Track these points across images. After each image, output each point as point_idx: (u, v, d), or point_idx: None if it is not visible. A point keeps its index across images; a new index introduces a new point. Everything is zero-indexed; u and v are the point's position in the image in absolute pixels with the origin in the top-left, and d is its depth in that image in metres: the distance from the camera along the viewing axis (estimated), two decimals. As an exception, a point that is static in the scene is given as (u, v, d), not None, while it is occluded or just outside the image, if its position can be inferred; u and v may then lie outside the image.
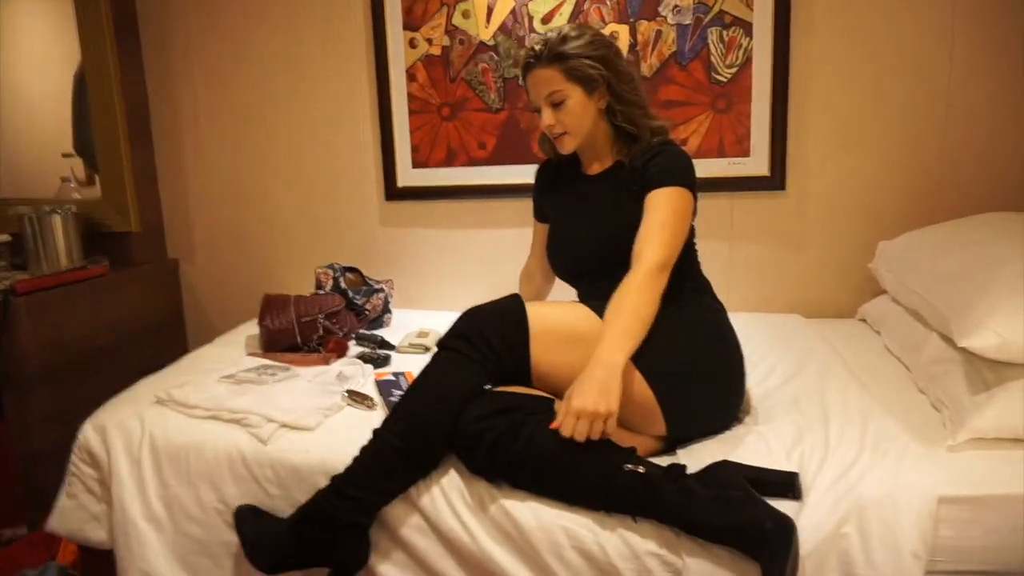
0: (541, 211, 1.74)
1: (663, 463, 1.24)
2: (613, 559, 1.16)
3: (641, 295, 1.30)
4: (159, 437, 1.44)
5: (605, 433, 1.18)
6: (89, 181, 2.43)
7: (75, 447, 1.49)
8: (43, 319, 2.02)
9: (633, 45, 2.10)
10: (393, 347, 1.93)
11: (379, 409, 1.52)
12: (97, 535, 1.48)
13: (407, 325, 2.12)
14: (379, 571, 1.30)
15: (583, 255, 1.54)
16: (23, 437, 1.98)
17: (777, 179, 2.09)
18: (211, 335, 2.18)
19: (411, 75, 2.26)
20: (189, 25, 2.41)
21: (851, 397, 1.45)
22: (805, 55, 2.03)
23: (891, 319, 1.81)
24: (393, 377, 1.65)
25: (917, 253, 1.75)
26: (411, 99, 2.27)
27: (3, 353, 1.95)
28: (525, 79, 1.49)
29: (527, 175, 1.78)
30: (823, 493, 1.16)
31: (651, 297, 1.30)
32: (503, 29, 2.18)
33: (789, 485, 1.18)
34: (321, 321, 1.93)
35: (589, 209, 1.54)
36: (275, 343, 1.89)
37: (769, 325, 1.98)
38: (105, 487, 1.46)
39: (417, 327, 2.04)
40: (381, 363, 1.80)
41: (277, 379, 1.63)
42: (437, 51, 2.23)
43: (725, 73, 2.08)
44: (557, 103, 1.44)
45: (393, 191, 2.35)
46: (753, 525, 1.09)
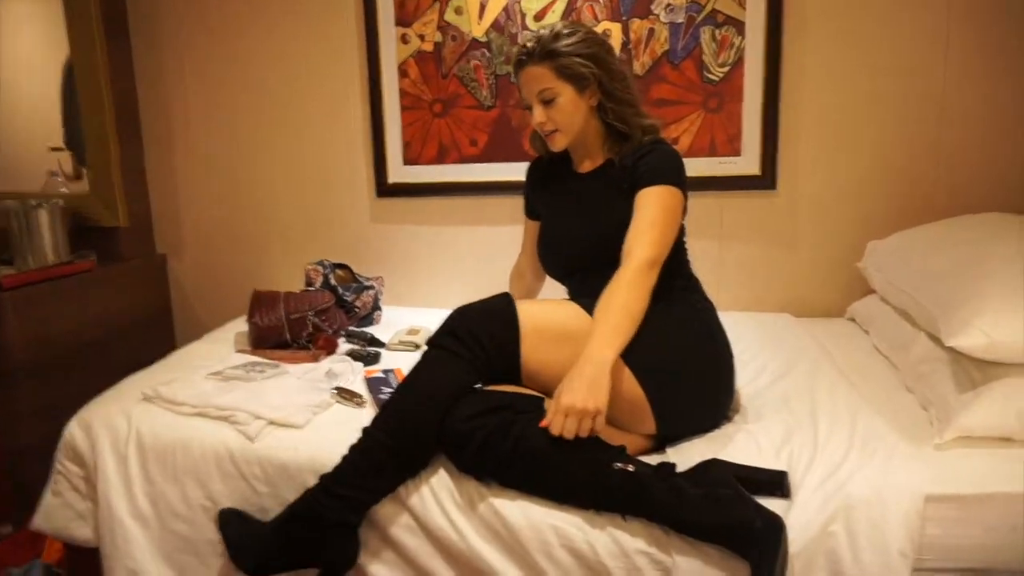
0: (532, 209, 1.74)
1: (653, 461, 1.24)
2: (603, 557, 1.16)
3: (630, 292, 1.30)
4: (146, 434, 1.43)
5: (594, 431, 1.18)
6: (77, 175, 2.41)
7: (60, 444, 1.48)
8: (29, 314, 2.00)
9: (626, 43, 2.10)
10: (383, 344, 1.93)
11: (368, 407, 1.52)
12: (83, 533, 1.46)
13: (397, 322, 2.11)
14: (368, 570, 1.29)
15: (573, 253, 1.54)
16: (9, 433, 1.97)
17: (768, 178, 2.10)
18: (199, 331, 2.17)
19: (403, 71, 2.25)
20: (180, 20, 2.38)
21: (840, 396, 1.46)
22: (798, 55, 2.03)
23: (880, 319, 1.82)
24: (383, 374, 1.64)
25: (906, 252, 1.76)
26: (403, 95, 2.26)
27: (-11, 348, 1.93)
28: (517, 76, 1.48)
29: (518, 172, 1.77)
30: (811, 492, 1.16)
31: (640, 294, 1.30)
32: (496, 26, 2.17)
33: (778, 484, 1.18)
34: (311, 318, 1.92)
35: (580, 207, 1.54)
36: (264, 340, 1.88)
37: (759, 324, 1.99)
38: (91, 485, 1.45)
39: (407, 324, 2.04)
40: (371, 360, 1.79)
41: (266, 376, 1.62)
42: (429, 47, 2.22)
43: (717, 72, 2.08)
44: (548, 100, 1.44)
45: (384, 188, 2.34)
46: (742, 524, 1.09)
